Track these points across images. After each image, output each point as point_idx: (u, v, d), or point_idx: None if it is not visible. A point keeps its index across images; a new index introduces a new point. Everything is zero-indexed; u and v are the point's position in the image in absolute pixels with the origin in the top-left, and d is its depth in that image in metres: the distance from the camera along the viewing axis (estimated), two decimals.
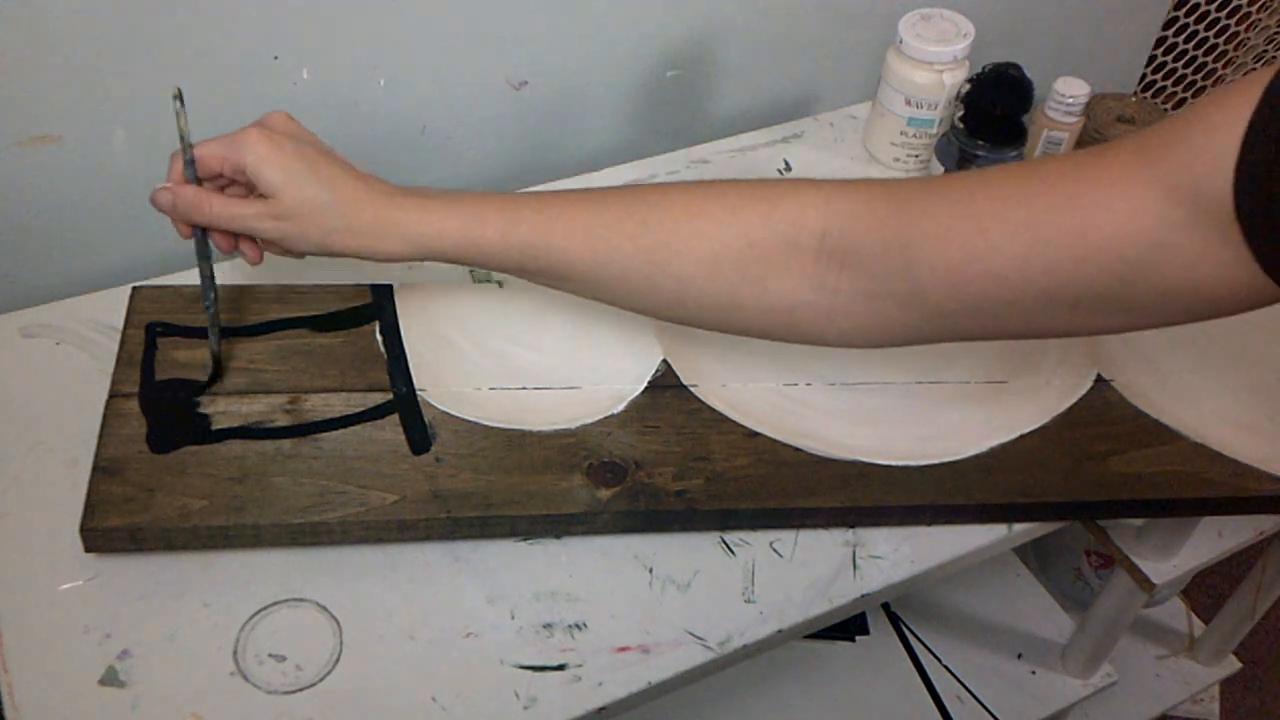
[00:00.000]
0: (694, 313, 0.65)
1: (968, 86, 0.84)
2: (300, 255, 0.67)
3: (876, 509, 0.69)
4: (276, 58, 0.80)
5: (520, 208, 0.65)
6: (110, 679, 0.59)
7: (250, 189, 0.65)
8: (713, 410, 0.73)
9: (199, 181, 0.65)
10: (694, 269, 0.62)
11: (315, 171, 0.63)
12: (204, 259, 0.67)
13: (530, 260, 0.65)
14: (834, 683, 1.04)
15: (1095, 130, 1.25)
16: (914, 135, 0.93)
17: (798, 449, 0.71)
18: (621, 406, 0.72)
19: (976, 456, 0.72)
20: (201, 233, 0.66)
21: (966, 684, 1.04)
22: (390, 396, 0.71)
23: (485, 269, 0.66)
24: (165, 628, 0.61)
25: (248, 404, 0.69)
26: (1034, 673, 1.06)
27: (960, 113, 0.83)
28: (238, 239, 0.67)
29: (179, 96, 0.62)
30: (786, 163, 0.96)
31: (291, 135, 0.65)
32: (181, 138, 0.64)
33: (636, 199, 0.65)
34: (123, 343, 0.72)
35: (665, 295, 0.64)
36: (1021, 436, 0.73)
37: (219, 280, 0.77)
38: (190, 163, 0.64)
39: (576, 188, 0.69)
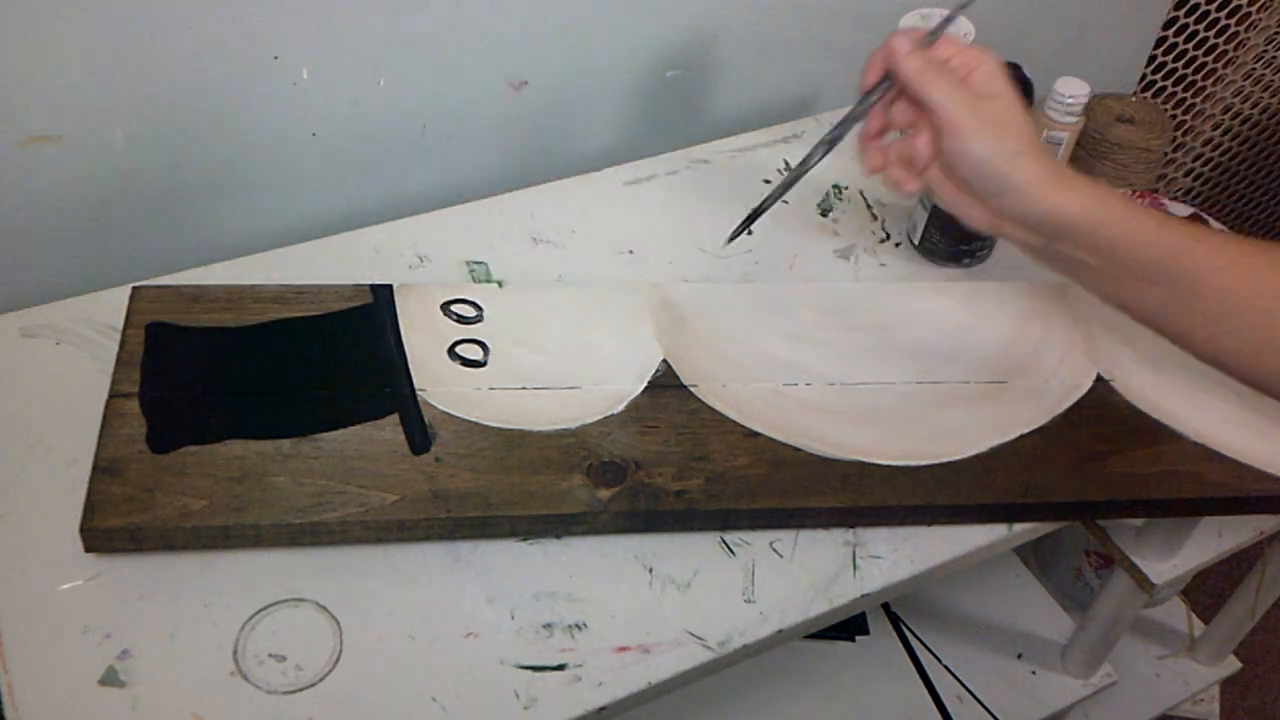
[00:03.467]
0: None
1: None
2: (964, 176, 0.65)
3: (876, 509, 0.69)
4: (276, 58, 0.80)
5: (1160, 214, 0.65)
6: (110, 679, 0.59)
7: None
8: (713, 410, 0.73)
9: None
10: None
11: (1025, 113, 0.64)
12: (862, 111, 0.68)
13: (1160, 261, 0.63)
14: (834, 683, 1.04)
15: (1095, 130, 1.25)
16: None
17: (798, 449, 0.71)
18: (621, 406, 0.72)
19: (976, 456, 0.72)
20: (886, 85, 0.67)
21: (966, 684, 1.04)
22: (390, 397, 0.71)
23: (1118, 255, 0.63)
24: (165, 628, 0.61)
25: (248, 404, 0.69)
26: (1034, 673, 1.06)
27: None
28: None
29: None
30: (786, 163, 0.96)
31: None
32: (951, 16, 0.70)
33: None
34: (123, 343, 0.72)
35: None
36: (1021, 436, 0.73)
37: (224, 281, 0.78)
38: (937, 36, 0.66)
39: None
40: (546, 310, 0.78)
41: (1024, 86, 0.81)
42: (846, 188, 0.94)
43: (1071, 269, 0.66)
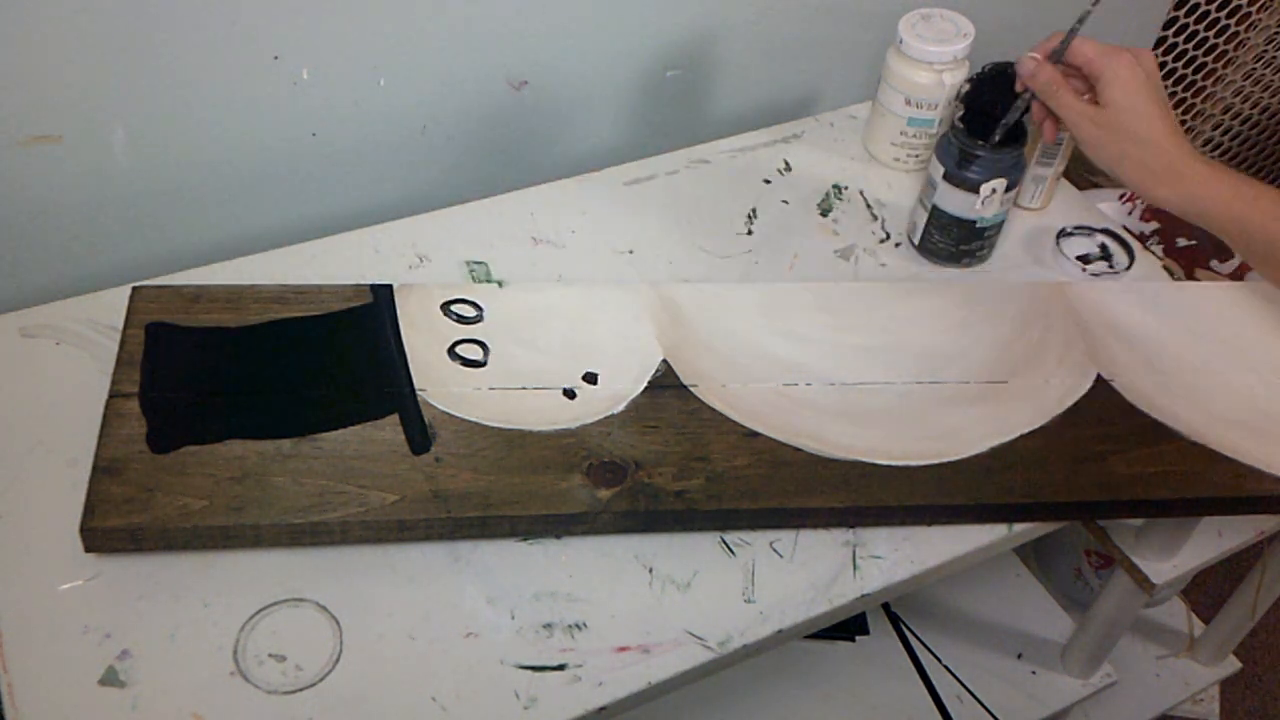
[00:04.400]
0: None
1: (968, 86, 0.84)
2: (1098, 161, 0.77)
3: (876, 509, 0.69)
4: (276, 58, 0.80)
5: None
6: (110, 679, 0.59)
7: (1089, 93, 0.77)
8: (713, 410, 0.73)
9: (1060, 65, 0.77)
10: None
11: (1149, 110, 0.74)
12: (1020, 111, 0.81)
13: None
14: (834, 683, 1.04)
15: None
16: (914, 135, 0.93)
17: (798, 449, 0.71)
18: (621, 406, 0.72)
19: (976, 456, 0.72)
20: (1029, 101, 0.80)
21: (966, 684, 1.04)
22: (390, 397, 0.71)
23: (1233, 239, 0.75)
24: (165, 628, 0.61)
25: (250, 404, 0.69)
26: (1034, 673, 1.06)
27: (960, 113, 0.83)
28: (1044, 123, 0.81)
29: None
30: (786, 163, 0.96)
31: (1151, 76, 0.75)
32: (1075, 28, 0.77)
33: None
34: (123, 343, 0.72)
35: None
36: (1021, 436, 0.73)
37: (224, 281, 0.78)
38: (1064, 47, 0.76)
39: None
40: (546, 310, 0.78)
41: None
42: (846, 188, 0.94)
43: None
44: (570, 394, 0.73)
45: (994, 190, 0.83)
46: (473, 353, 0.74)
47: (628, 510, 0.67)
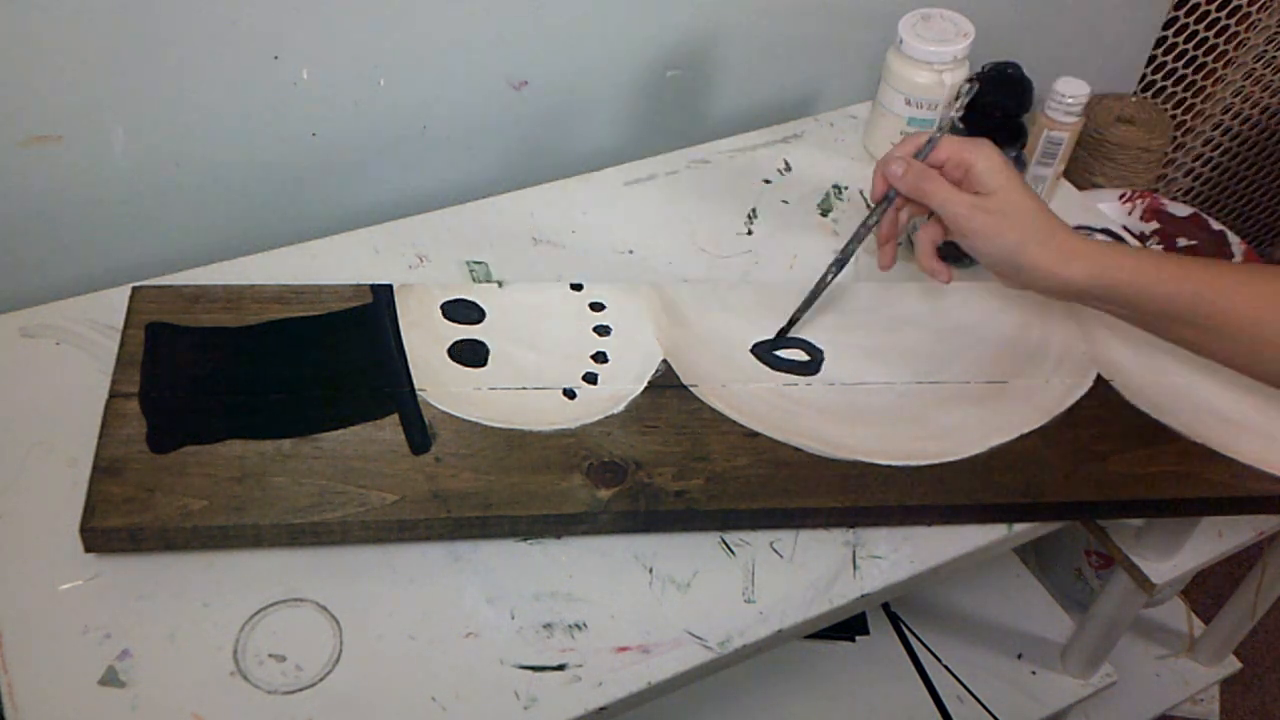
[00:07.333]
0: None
1: (968, 86, 0.84)
2: (982, 263, 0.71)
3: (876, 509, 0.69)
4: (276, 58, 0.80)
5: (1181, 259, 0.70)
6: (110, 679, 0.59)
7: (958, 185, 0.72)
8: (713, 410, 0.73)
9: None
10: None
11: (1028, 192, 0.70)
12: (869, 227, 0.75)
13: (1184, 307, 0.68)
14: (834, 683, 1.04)
15: (1095, 130, 1.25)
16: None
17: (798, 449, 0.71)
18: (621, 406, 0.72)
19: (976, 456, 0.72)
20: (889, 201, 0.74)
21: (966, 684, 1.04)
22: (390, 397, 0.71)
23: (1140, 307, 0.69)
24: (165, 628, 0.61)
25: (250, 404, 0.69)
26: (1034, 673, 1.06)
27: (960, 113, 0.83)
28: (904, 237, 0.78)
29: (973, 83, 0.75)
30: (786, 163, 0.96)
31: (1011, 164, 0.71)
32: (950, 126, 0.73)
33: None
34: (123, 343, 0.72)
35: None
36: (1021, 436, 0.74)
37: (224, 281, 0.78)
38: (931, 143, 0.72)
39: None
40: (546, 310, 0.78)
41: (1024, 86, 0.81)
42: (846, 188, 0.94)
43: (1109, 316, 0.72)
44: (570, 394, 0.73)
45: None
46: (473, 353, 0.74)
47: (628, 510, 0.67)
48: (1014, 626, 1.10)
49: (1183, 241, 1.19)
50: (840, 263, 0.77)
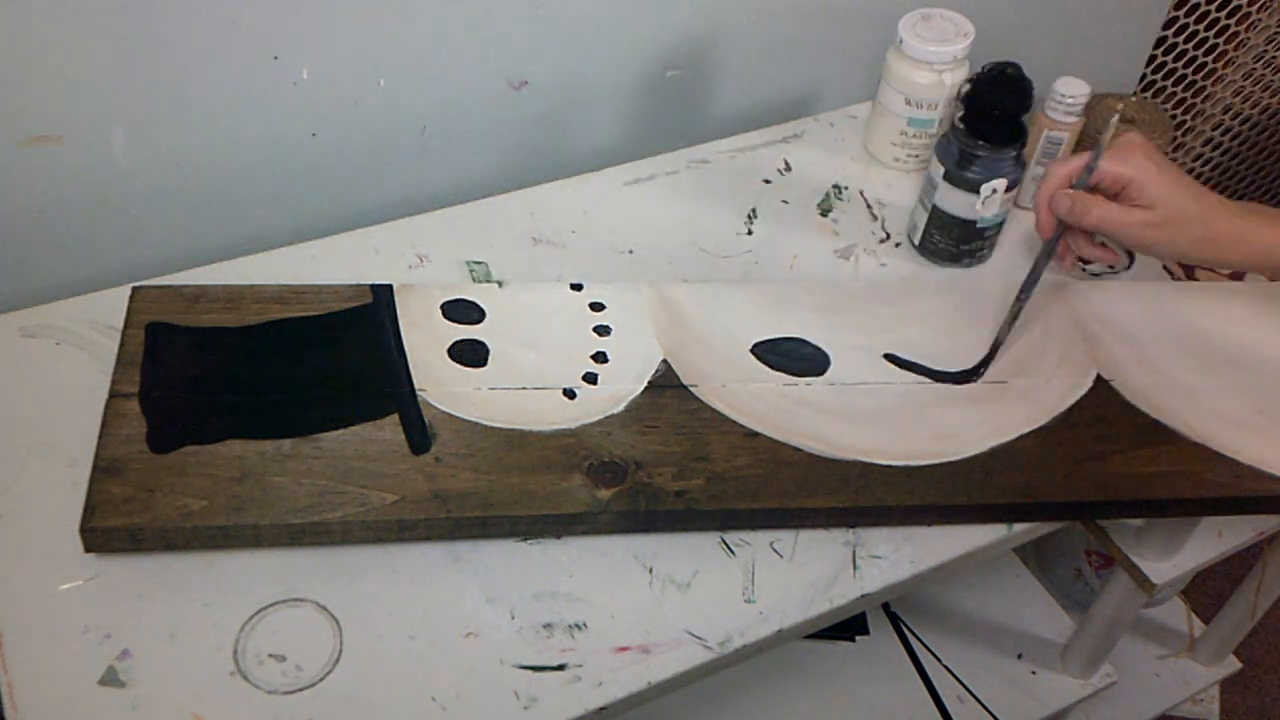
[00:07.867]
0: None
1: (968, 86, 0.84)
2: (1161, 257, 0.78)
3: (876, 509, 0.69)
4: (276, 58, 0.80)
5: None
6: (110, 679, 0.59)
7: (1114, 199, 0.74)
8: (713, 410, 0.73)
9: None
10: None
11: (1185, 186, 0.72)
12: (1047, 258, 0.77)
13: None
14: (834, 683, 1.04)
15: (1095, 130, 1.25)
16: (914, 135, 0.93)
17: (798, 449, 0.71)
18: (621, 406, 0.72)
19: (976, 456, 0.72)
20: (1059, 235, 0.76)
21: (966, 684, 1.04)
22: (390, 397, 0.71)
23: None
24: (165, 628, 0.61)
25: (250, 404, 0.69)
26: (1034, 673, 1.06)
27: (960, 113, 0.83)
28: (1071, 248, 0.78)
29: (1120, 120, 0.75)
30: (786, 163, 0.96)
31: (1151, 147, 0.73)
32: (1097, 151, 0.73)
33: None
34: (123, 343, 0.72)
35: None
36: (1021, 436, 0.73)
37: (224, 281, 0.78)
38: (1090, 171, 0.73)
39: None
40: (546, 310, 0.78)
41: (1024, 86, 0.81)
42: (846, 188, 0.94)
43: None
44: (570, 394, 0.73)
45: (994, 190, 0.83)
46: (473, 353, 0.74)
47: (628, 510, 0.67)
48: (1014, 626, 1.10)
49: None
50: (1020, 301, 0.77)
